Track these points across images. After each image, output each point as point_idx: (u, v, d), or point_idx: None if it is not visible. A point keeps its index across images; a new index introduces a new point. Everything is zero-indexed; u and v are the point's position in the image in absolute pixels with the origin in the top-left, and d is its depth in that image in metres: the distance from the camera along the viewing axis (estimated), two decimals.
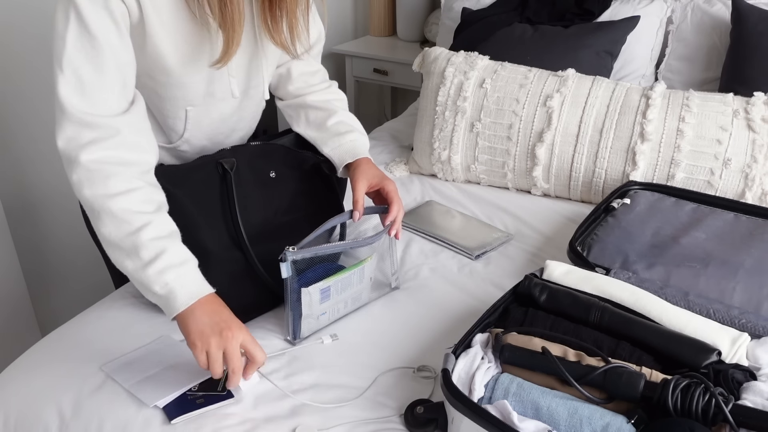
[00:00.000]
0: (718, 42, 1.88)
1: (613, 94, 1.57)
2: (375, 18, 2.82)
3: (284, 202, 1.22)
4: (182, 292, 0.95)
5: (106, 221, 0.97)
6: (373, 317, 1.19)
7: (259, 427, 0.95)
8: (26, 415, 1.01)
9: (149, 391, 0.99)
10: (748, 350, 0.95)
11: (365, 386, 1.02)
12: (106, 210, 0.96)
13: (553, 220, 1.52)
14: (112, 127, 0.98)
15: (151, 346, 1.10)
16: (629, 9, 1.97)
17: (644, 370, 0.87)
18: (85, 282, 2.08)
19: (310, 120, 1.30)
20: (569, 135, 1.55)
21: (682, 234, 1.28)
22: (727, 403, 0.80)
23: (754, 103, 1.48)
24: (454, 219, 1.50)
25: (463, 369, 0.91)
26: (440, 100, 1.67)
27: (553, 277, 1.10)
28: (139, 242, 0.95)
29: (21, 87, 1.79)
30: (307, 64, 1.33)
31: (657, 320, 0.99)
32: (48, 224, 1.96)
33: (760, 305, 1.10)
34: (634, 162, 1.50)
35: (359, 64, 2.71)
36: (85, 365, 1.06)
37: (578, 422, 0.83)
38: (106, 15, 0.97)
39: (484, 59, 1.69)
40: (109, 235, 0.97)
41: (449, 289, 1.27)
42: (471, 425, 0.83)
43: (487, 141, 1.62)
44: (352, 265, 1.14)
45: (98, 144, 0.97)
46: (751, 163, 1.44)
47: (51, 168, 1.91)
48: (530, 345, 0.92)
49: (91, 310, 1.21)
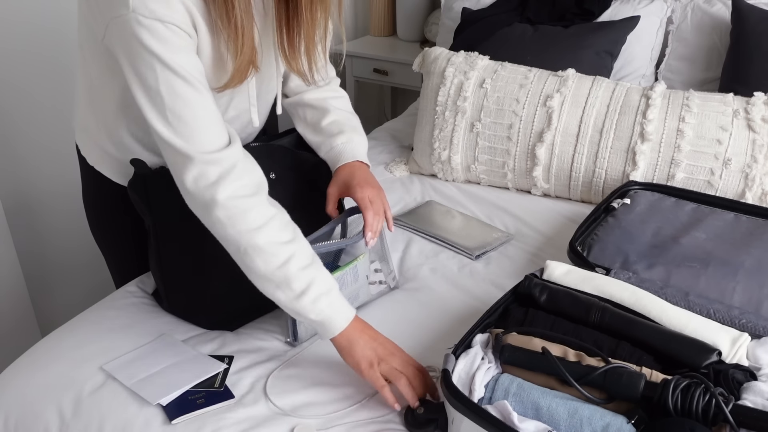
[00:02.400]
0: (718, 42, 1.87)
1: (613, 94, 1.57)
2: (375, 18, 2.82)
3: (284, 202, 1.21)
4: (336, 317, 1.00)
5: (254, 257, 0.98)
6: (374, 317, 1.19)
7: (259, 426, 0.95)
8: (26, 415, 1.01)
9: (151, 390, 1.00)
10: (749, 350, 0.95)
11: (365, 386, 1.02)
12: (253, 246, 0.98)
13: (553, 220, 1.52)
14: (229, 160, 0.99)
15: (151, 345, 1.10)
16: (629, 9, 1.97)
17: (644, 371, 0.87)
18: (85, 282, 2.08)
19: (308, 120, 1.30)
20: (569, 135, 1.55)
21: (682, 234, 1.28)
22: (727, 403, 0.80)
23: (754, 103, 1.48)
24: (454, 219, 1.50)
25: (464, 369, 0.91)
26: (440, 100, 1.67)
27: (554, 278, 1.10)
28: (290, 275, 0.98)
29: (21, 87, 1.79)
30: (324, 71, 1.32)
31: (657, 320, 0.99)
32: (48, 224, 1.96)
33: (760, 305, 1.10)
34: (634, 162, 1.50)
35: (359, 64, 2.71)
36: (85, 365, 1.06)
37: (578, 422, 0.83)
38: (185, 53, 0.95)
39: (484, 59, 1.69)
40: (259, 270, 0.99)
41: (449, 289, 1.27)
42: (471, 425, 0.83)
43: (487, 141, 1.62)
44: (345, 264, 1.15)
45: (226, 179, 0.97)
46: (751, 163, 1.44)
47: (51, 168, 1.91)
48: (530, 345, 0.92)
49: (91, 310, 1.21)
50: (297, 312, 1.01)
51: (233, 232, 0.98)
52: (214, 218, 0.98)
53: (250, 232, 0.98)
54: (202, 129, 0.97)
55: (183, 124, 0.96)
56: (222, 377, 1.03)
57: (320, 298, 0.99)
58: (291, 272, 0.98)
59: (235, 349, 1.10)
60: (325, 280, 1.01)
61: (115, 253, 1.37)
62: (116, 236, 1.32)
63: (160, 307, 1.20)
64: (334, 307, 1.01)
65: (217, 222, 0.99)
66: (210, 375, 1.03)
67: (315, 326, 1.02)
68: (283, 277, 0.99)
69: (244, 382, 1.03)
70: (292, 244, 1.00)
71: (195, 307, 1.15)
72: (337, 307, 1.01)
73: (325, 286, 1.01)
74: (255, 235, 0.98)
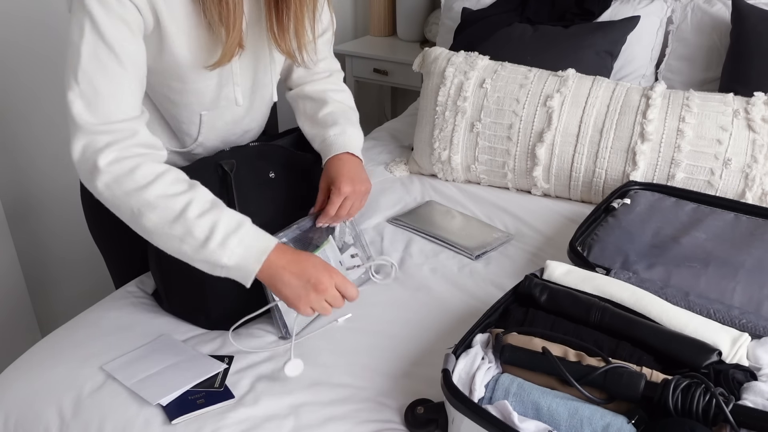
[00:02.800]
0: (718, 42, 1.87)
1: (614, 94, 1.57)
2: (375, 18, 2.82)
3: (283, 202, 1.22)
4: (250, 253, 0.95)
5: (147, 214, 0.95)
6: (373, 317, 1.19)
7: (258, 426, 0.95)
8: (26, 415, 1.01)
9: (151, 390, 1.00)
10: (749, 350, 0.95)
11: (365, 386, 1.02)
12: (143, 203, 0.94)
13: (553, 220, 1.52)
14: (128, 129, 0.97)
15: (151, 345, 1.10)
16: (629, 9, 1.97)
17: (645, 371, 0.87)
18: (85, 282, 2.08)
19: (307, 112, 1.29)
20: (569, 135, 1.55)
21: (683, 234, 1.28)
22: (727, 403, 0.80)
23: (754, 103, 1.48)
24: (454, 219, 1.50)
25: (464, 369, 0.91)
26: (440, 100, 1.67)
27: (554, 278, 1.10)
28: (189, 223, 0.94)
29: (21, 87, 1.79)
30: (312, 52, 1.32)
31: (657, 320, 0.99)
32: (48, 224, 1.96)
33: (760, 305, 1.10)
34: (634, 162, 1.50)
35: (359, 64, 2.71)
36: (85, 365, 1.06)
37: (579, 422, 0.83)
38: (123, 26, 0.95)
39: (484, 59, 1.69)
40: (155, 226, 0.95)
41: (449, 289, 1.27)
42: (471, 425, 0.83)
43: (487, 141, 1.62)
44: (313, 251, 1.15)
45: (115, 145, 0.95)
46: (752, 163, 1.44)
47: (51, 168, 1.91)
48: (530, 345, 0.92)
49: (91, 310, 1.21)
50: (208, 262, 0.95)
51: (121, 194, 0.95)
52: (100, 187, 0.95)
53: (139, 190, 0.94)
54: (108, 99, 0.95)
55: (92, 89, 0.94)
56: (222, 377, 1.03)
57: (228, 238, 0.94)
58: (190, 220, 0.94)
59: (235, 349, 1.10)
60: (232, 218, 0.96)
61: (114, 252, 1.37)
62: (115, 236, 1.32)
63: (160, 308, 1.20)
64: (246, 243, 0.95)
65: (104, 189, 0.95)
66: (210, 375, 1.03)
67: (235, 275, 0.97)
68: (183, 228, 0.94)
69: (244, 382, 1.03)
70: (187, 193, 0.96)
71: (195, 307, 1.15)
72: (250, 242, 0.95)
73: (231, 224, 0.95)
74: (144, 191, 0.94)
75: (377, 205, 1.56)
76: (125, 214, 0.97)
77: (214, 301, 1.14)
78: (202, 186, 1.00)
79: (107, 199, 0.97)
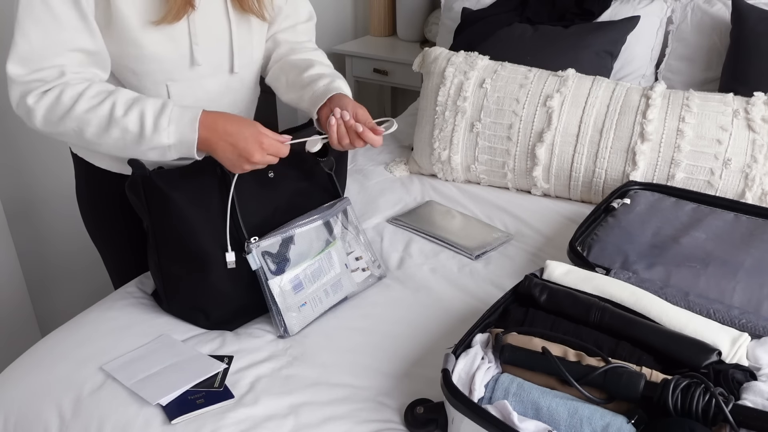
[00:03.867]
0: (718, 42, 1.87)
1: (613, 94, 1.57)
2: (375, 18, 2.82)
3: (283, 202, 1.21)
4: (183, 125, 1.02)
5: (85, 129, 1.02)
6: (373, 317, 1.19)
7: (258, 426, 0.95)
8: (26, 415, 1.01)
9: (151, 390, 0.99)
10: (749, 350, 0.95)
11: (365, 386, 1.02)
12: (77, 121, 1.02)
13: (553, 220, 1.52)
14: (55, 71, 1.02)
15: (151, 345, 1.10)
16: (629, 9, 1.97)
17: (644, 370, 0.87)
18: (85, 282, 2.08)
19: (290, 81, 1.27)
20: (569, 135, 1.55)
21: (682, 234, 1.28)
22: (727, 403, 0.80)
23: (754, 103, 1.48)
24: (454, 219, 1.50)
25: (464, 369, 0.91)
26: (440, 100, 1.67)
27: (553, 277, 1.10)
28: (120, 122, 1.01)
29: None
30: (293, 34, 1.32)
31: (657, 320, 0.99)
32: (48, 224, 1.96)
33: (760, 305, 1.10)
34: (634, 162, 1.50)
35: (359, 64, 2.71)
36: (85, 365, 1.06)
37: (578, 422, 0.83)
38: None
39: (484, 59, 1.69)
40: (97, 136, 1.03)
41: (449, 289, 1.27)
42: (471, 425, 0.83)
43: (487, 141, 1.62)
44: (317, 253, 1.15)
45: (42, 86, 1.02)
46: (751, 163, 1.44)
47: (51, 168, 1.91)
48: (530, 345, 0.92)
49: (91, 310, 1.21)
50: (154, 149, 1.03)
51: (57, 121, 1.02)
52: (38, 124, 1.03)
53: (69, 111, 1.02)
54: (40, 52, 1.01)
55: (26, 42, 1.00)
56: (222, 377, 1.03)
57: (159, 120, 1.01)
58: (119, 119, 1.01)
59: (234, 349, 1.10)
60: (155, 103, 1.03)
61: (111, 253, 1.37)
62: (112, 236, 1.32)
63: (159, 308, 1.20)
64: (175, 118, 1.02)
65: (43, 124, 1.03)
66: (210, 375, 1.03)
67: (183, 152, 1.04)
68: (118, 128, 1.02)
69: (244, 382, 1.03)
70: (108, 98, 1.03)
71: (194, 307, 1.15)
72: (178, 116, 1.02)
73: (156, 108, 1.03)
74: (73, 111, 1.01)
75: (377, 205, 1.57)
76: (70, 137, 1.04)
77: (213, 301, 1.14)
78: (123, 89, 1.06)
79: (50, 132, 1.04)
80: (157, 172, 1.09)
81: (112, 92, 1.04)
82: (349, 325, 1.17)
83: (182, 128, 1.02)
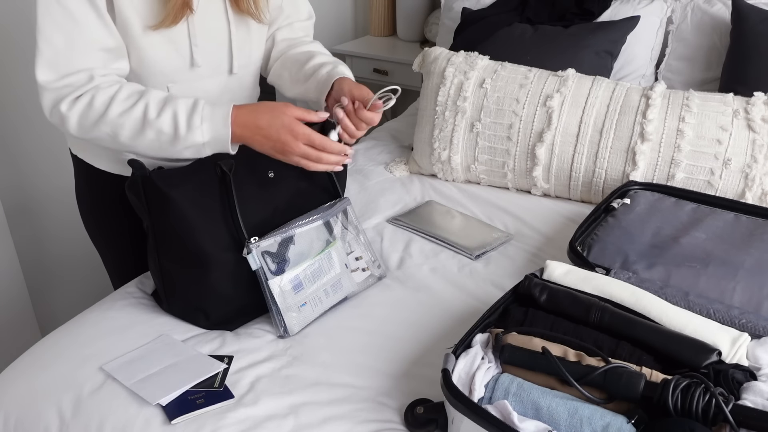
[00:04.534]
0: (718, 42, 1.87)
1: (613, 94, 1.57)
2: (375, 18, 2.82)
3: (283, 201, 1.21)
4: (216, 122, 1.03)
5: (120, 133, 1.04)
6: (373, 317, 1.19)
7: (258, 426, 0.95)
8: (26, 415, 1.01)
9: (151, 390, 0.99)
10: (749, 350, 0.95)
11: (365, 386, 1.02)
12: (111, 125, 1.03)
13: (553, 220, 1.52)
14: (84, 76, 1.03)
15: (151, 345, 1.10)
16: (629, 9, 1.97)
17: (644, 370, 0.87)
18: (85, 282, 2.08)
19: (293, 76, 1.28)
20: (569, 135, 1.55)
21: (682, 234, 1.28)
22: (727, 403, 0.80)
23: (754, 103, 1.48)
24: (454, 219, 1.50)
25: (464, 369, 0.91)
26: (440, 100, 1.67)
27: (553, 277, 1.10)
28: (154, 124, 1.03)
29: (21, 86, 1.79)
30: (291, 31, 1.32)
31: (657, 320, 0.99)
32: (48, 224, 1.96)
33: (760, 305, 1.10)
34: (634, 162, 1.50)
35: (359, 64, 2.71)
36: (85, 365, 1.06)
37: (578, 422, 0.83)
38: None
39: (484, 59, 1.69)
40: (132, 140, 1.04)
41: (449, 289, 1.27)
42: (471, 425, 0.83)
43: (487, 141, 1.62)
44: (317, 253, 1.15)
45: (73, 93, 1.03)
46: (751, 163, 1.44)
47: (51, 168, 1.91)
48: (530, 345, 0.92)
49: (91, 310, 1.20)
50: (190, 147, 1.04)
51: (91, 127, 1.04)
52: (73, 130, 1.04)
53: (103, 116, 1.03)
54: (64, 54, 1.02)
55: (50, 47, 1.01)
56: (222, 377, 1.03)
57: (191, 119, 1.03)
58: (153, 121, 1.03)
59: (234, 349, 1.10)
60: (186, 102, 1.04)
61: (111, 253, 1.37)
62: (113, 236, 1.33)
63: (159, 308, 1.20)
64: (207, 116, 1.03)
65: (78, 130, 1.04)
66: (209, 375, 1.03)
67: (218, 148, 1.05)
68: (153, 130, 1.03)
69: (244, 382, 1.03)
70: (140, 100, 1.04)
71: (194, 307, 1.15)
72: (210, 114, 1.04)
73: (188, 107, 1.04)
74: (107, 116, 1.03)
75: (377, 205, 1.56)
76: (105, 141, 1.06)
77: (213, 301, 1.14)
78: (152, 89, 1.07)
79: (86, 138, 1.05)
80: (157, 173, 1.09)
81: (143, 94, 1.05)
82: (349, 325, 1.17)
83: (215, 125, 1.04)
